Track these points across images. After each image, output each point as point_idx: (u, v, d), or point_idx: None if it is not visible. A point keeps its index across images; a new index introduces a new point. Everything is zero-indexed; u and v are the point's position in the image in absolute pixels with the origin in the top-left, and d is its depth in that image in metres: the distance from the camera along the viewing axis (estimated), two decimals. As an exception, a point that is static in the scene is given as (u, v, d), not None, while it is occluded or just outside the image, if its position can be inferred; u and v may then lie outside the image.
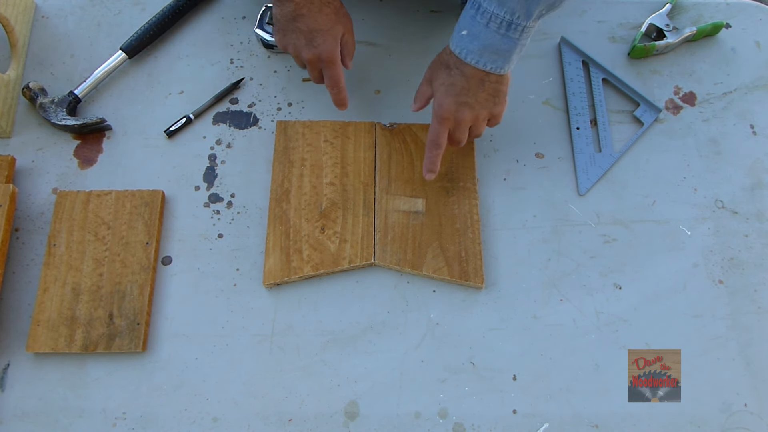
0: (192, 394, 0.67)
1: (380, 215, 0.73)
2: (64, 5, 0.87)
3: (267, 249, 0.71)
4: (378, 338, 0.69)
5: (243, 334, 0.69)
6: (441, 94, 0.67)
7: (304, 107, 0.80)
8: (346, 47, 0.73)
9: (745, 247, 0.74)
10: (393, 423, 0.66)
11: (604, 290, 0.72)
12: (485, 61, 0.64)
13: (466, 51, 0.64)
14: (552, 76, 0.83)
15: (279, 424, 0.65)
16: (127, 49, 0.81)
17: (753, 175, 0.78)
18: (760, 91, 0.82)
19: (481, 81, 0.65)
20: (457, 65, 0.65)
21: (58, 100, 0.77)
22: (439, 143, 0.70)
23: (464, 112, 0.67)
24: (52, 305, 0.68)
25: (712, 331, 0.70)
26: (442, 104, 0.67)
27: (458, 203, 0.74)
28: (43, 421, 0.65)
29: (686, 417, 0.66)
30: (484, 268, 0.71)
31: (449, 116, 0.67)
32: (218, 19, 0.86)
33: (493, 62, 0.64)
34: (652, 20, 0.84)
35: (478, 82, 0.65)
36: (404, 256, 0.71)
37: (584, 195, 0.76)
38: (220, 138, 0.79)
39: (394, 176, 0.75)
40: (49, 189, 0.75)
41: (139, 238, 0.71)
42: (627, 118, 0.81)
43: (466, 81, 0.65)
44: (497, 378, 0.68)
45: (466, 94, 0.66)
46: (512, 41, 0.62)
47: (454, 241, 0.72)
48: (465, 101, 0.66)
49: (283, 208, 0.73)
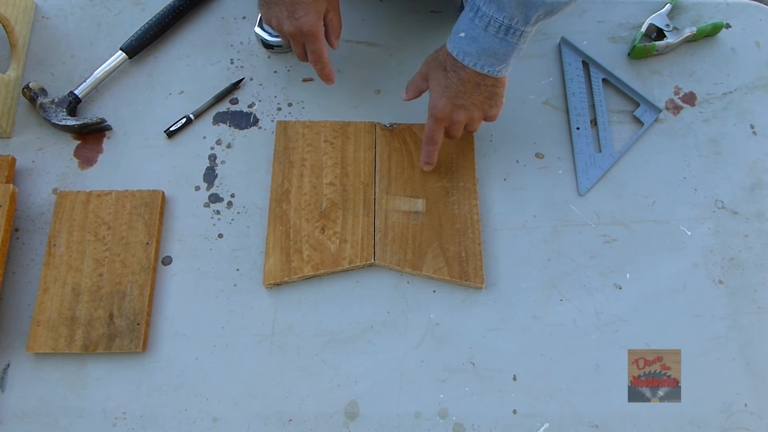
0: (192, 394, 0.67)
1: (380, 215, 0.73)
2: (64, 5, 0.87)
3: (267, 249, 0.71)
4: (378, 338, 0.69)
5: (243, 334, 0.69)
6: (436, 95, 0.68)
7: (304, 107, 0.81)
8: (330, 25, 0.73)
9: (745, 247, 0.74)
10: (393, 423, 0.66)
11: (604, 290, 0.72)
12: (482, 64, 0.64)
13: (464, 53, 0.64)
14: (552, 76, 0.83)
15: (279, 424, 0.65)
16: (127, 49, 0.81)
17: (753, 175, 0.78)
18: (760, 91, 0.82)
19: (477, 84, 0.65)
20: (454, 67, 0.65)
21: (58, 100, 0.77)
22: (435, 140, 0.71)
23: (459, 114, 0.67)
24: (52, 305, 0.68)
25: (712, 331, 0.70)
26: (437, 105, 0.67)
27: (458, 203, 0.74)
28: (43, 421, 0.65)
29: (686, 417, 0.66)
30: (484, 268, 0.71)
31: (444, 117, 0.68)
32: (218, 19, 0.86)
33: (491, 65, 0.64)
34: (652, 20, 0.84)
35: (474, 86, 0.66)
36: (404, 257, 0.71)
37: (584, 195, 0.76)
38: (220, 138, 0.79)
39: (394, 176, 0.75)
40: (49, 189, 0.76)
41: (139, 239, 0.71)
42: (627, 118, 0.81)
43: (461, 84, 0.65)
44: (497, 378, 0.68)
45: (462, 96, 0.66)
46: (510, 45, 0.63)
47: (454, 241, 0.72)
48: (460, 104, 0.67)
49: (283, 208, 0.73)
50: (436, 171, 0.75)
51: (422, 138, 0.73)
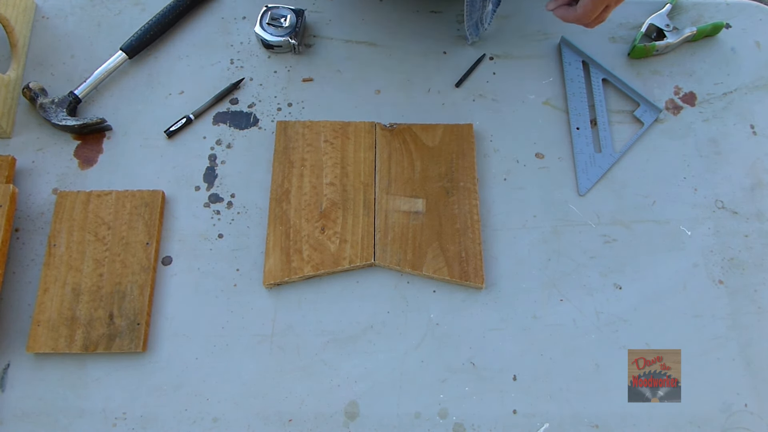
0: (192, 394, 0.67)
1: (380, 215, 0.73)
2: (64, 5, 0.87)
3: (267, 249, 0.71)
4: (378, 338, 0.69)
5: (243, 334, 0.69)
6: None
7: (304, 107, 0.81)
8: None
9: (745, 247, 0.74)
10: (393, 423, 0.66)
11: (604, 290, 0.72)
12: None
13: None
14: (552, 76, 0.83)
15: (279, 424, 0.65)
16: (127, 49, 0.81)
17: (753, 175, 0.78)
18: (760, 91, 0.82)
19: None
20: None
21: (59, 100, 0.77)
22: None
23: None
24: (53, 305, 0.68)
25: (712, 331, 0.70)
26: None
27: (458, 203, 0.74)
28: (43, 421, 0.65)
29: (686, 417, 0.66)
30: (484, 268, 0.71)
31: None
32: (218, 19, 0.86)
33: None
34: (652, 20, 0.84)
35: None
36: (404, 257, 0.71)
37: (584, 195, 0.76)
38: (220, 138, 0.79)
39: (394, 176, 0.75)
40: (49, 189, 0.76)
41: (139, 239, 0.71)
42: (627, 118, 0.81)
43: None
44: (497, 378, 0.68)
45: None
46: None
47: (454, 241, 0.72)
48: None
49: (283, 208, 0.73)
50: (436, 171, 0.75)
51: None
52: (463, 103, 0.81)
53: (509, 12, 0.86)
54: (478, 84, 0.82)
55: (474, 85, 0.82)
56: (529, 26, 0.86)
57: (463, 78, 0.82)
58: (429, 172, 0.75)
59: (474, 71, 0.83)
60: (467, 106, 0.81)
